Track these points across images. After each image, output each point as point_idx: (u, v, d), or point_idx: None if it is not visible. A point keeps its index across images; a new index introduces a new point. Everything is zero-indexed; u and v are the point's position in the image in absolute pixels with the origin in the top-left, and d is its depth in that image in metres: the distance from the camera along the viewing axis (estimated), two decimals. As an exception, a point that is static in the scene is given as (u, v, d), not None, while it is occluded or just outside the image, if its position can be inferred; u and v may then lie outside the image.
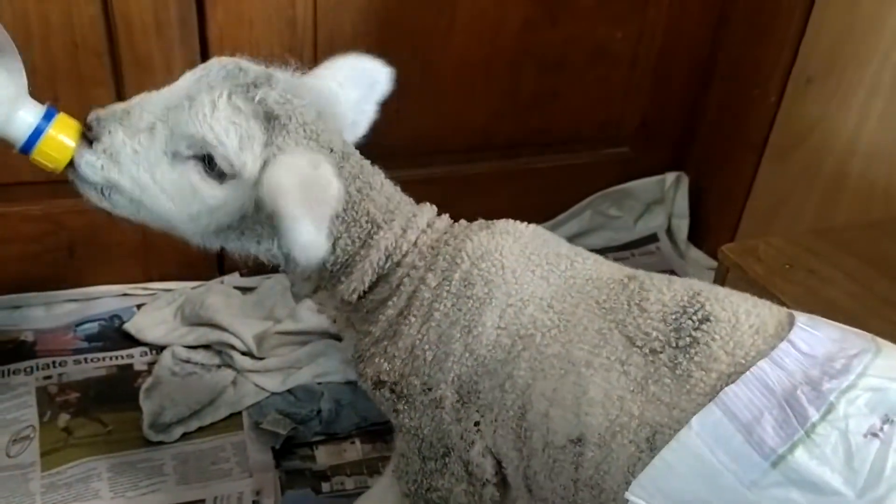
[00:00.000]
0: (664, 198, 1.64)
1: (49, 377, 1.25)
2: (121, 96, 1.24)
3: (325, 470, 1.17)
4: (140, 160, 0.73)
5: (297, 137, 0.73)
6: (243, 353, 1.28)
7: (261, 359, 1.28)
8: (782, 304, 0.96)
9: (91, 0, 1.17)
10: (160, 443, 1.17)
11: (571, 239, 1.59)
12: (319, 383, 1.26)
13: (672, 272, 1.58)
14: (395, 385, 0.79)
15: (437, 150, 1.46)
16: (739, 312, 0.69)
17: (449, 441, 0.78)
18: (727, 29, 1.51)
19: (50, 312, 1.35)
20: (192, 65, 1.25)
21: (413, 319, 0.77)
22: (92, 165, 0.74)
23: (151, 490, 1.12)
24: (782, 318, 0.70)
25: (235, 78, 0.73)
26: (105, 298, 1.38)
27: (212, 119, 0.71)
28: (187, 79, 0.74)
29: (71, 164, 0.75)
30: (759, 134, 1.46)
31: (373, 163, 0.81)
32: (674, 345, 0.69)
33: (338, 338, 1.27)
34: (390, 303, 0.79)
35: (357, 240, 0.78)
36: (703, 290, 0.72)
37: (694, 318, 0.69)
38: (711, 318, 0.69)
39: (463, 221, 0.83)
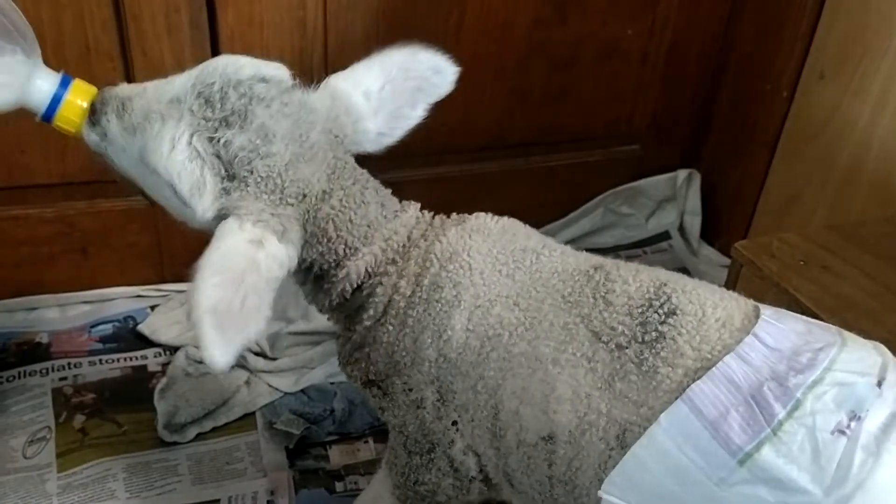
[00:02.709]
0: (676, 195, 1.63)
1: (64, 378, 1.26)
2: (133, 99, 1.25)
3: (339, 469, 1.17)
4: (127, 156, 0.74)
5: (256, 192, 0.70)
6: (256, 354, 1.29)
7: (274, 359, 1.29)
8: (797, 301, 0.96)
9: (103, 4, 1.18)
10: (175, 443, 1.18)
11: (583, 237, 1.61)
12: (332, 383, 1.27)
13: (685, 270, 1.57)
14: (382, 383, 0.79)
15: (447, 150, 1.46)
16: (706, 305, 0.68)
17: (433, 437, 0.78)
18: (738, 24, 1.50)
19: (64, 314, 1.36)
20: (203, 67, 1.27)
21: (390, 327, 0.77)
22: (94, 143, 0.75)
23: (167, 490, 1.13)
24: (749, 310, 0.69)
25: (211, 107, 0.70)
26: (119, 300, 1.38)
27: (168, 158, 0.69)
28: (183, 80, 0.73)
29: None
30: (771, 129, 1.45)
31: (380, 169, 0.79)
32: (640, 340, 0.67)
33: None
34: (368, 312, 0.78)
35: (333, 261, 0.77)
36: (670, 281, 0.71)
37: (660, 311, 0.68)
38: (678, 312, 0.68)
39: (437, 219, 0.81)
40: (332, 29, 1.29)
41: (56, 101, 0.74)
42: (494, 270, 0.75)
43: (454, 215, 0.81)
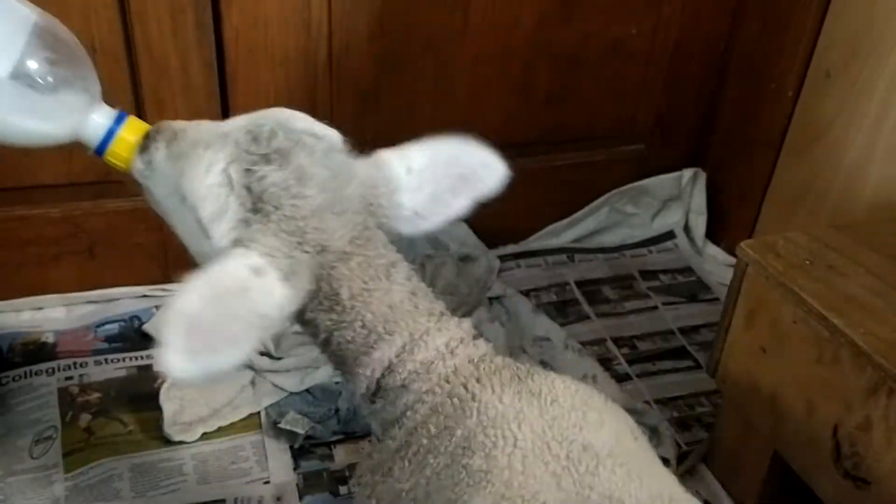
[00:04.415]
0: (681, 194, 1.63)
1: (70, 378, 1.26)
2: (139, 100, 1.26)
3: (344, 469, 1.17)
4: (166, 184, 0.73)
5: (276, 229, 0.67)
6: (261, 353, 1.29)
7: (279, 359, 1.29)
8: (803, 300, 0.95)
9: (109, 4, 1.18)
10: (180, 442, 1.18)
11: (588, 236, 1.61)
12: (337, 382, 1.27)
13: (690, 269, 1.57)
14: None
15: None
16: None
17: None
18: (743, 23, 1.50)
19: (70, 314, 1.37)
20: (208, 67, 1.28)
21: (407, 464, 0.69)
22: (139, 171, 0.75)
23: (172, 490, 1.13)
24: None
25: (256, 143, 0.69)
26: (125, 300, 1.39)
27: (199, 181, 0.69)
28: (237, 120, 0.72)
29: None
30: (776, 129, 1.45)
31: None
32: None
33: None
34: (392, 435, 0.71)
35: (354, 342, 0.71)
36: None
37: None
38: None
39: (498, 359, 0.71)
40: (337, 29, 1.30)
41: (109, 136, 0.75)
42: (539, 460, 0.63)
43: (517, 364, 0.71)
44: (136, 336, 1.34)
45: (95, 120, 0.75)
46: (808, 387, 0.96)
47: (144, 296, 1.40)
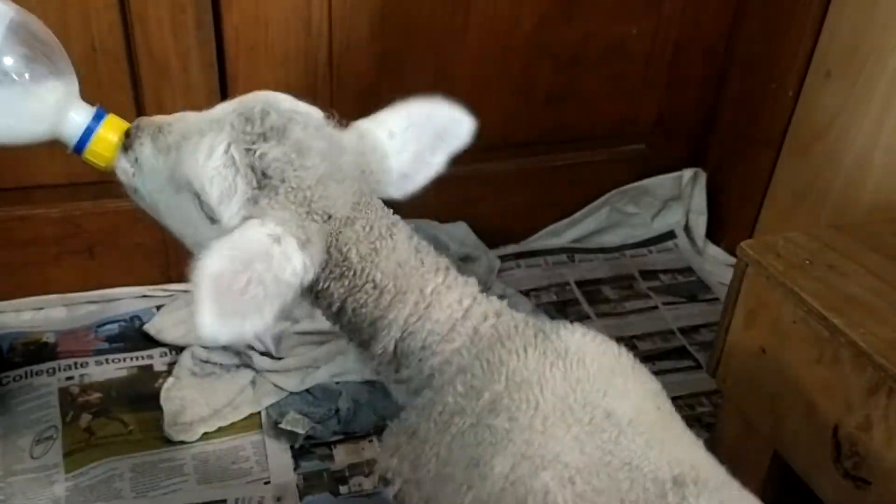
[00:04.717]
0: (682, 194, 1.63)
1: (71, 378, 1.27)
2: (139, 99, 1.26)
3: (344, 469, 1.17)
4: (156, 178, 0.74)
5: (284, 202, 0.69)
6: (262, 353, 1.29)
7: (279, 358, 1.29)
8: (803, 300, 0.95)
9: (109, 5, 1.18)
10: (181, 442, 1.18)
11: (589, 236, 1.61)
12: (337, 382, 1.27)
13: (690, 269, 1.57)
14: (399, 492, 0.74)
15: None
16: None
17: None
18: (744, 23, 1.50)
19: (71, 314, 1.37)
20: (208, 67, 1.28)
21: (433, 425, 0.71)
22: (123, 170, 0.75)
23: (172, 490, 1.13)
24: None
25: (251, 123, 0.70)
26: (125, 300, 1.39)
27: (202, 165, 0.70)
28: (224, 105, 0.73)
29: None
30: (777, 129, 1.45)
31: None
32: None
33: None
34: (420, 399, 0.73)
35: (367, 305, 0.73)
36: None
37: None
38: None
39: (515, 315, 0.74)
40: (338, 29, 1.30)
41: (88, 134, 0.75)
42: (562, 422, 0.66)
43: (539, 322, 0.73)
44: (136, 336, 1.34)
45: (73, 118, 0.74)
46: (808, 387, 0.96)
47: (145, 296, 1.40)
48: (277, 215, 0.68)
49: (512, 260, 1.54)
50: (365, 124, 0.77)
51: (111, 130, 0.75)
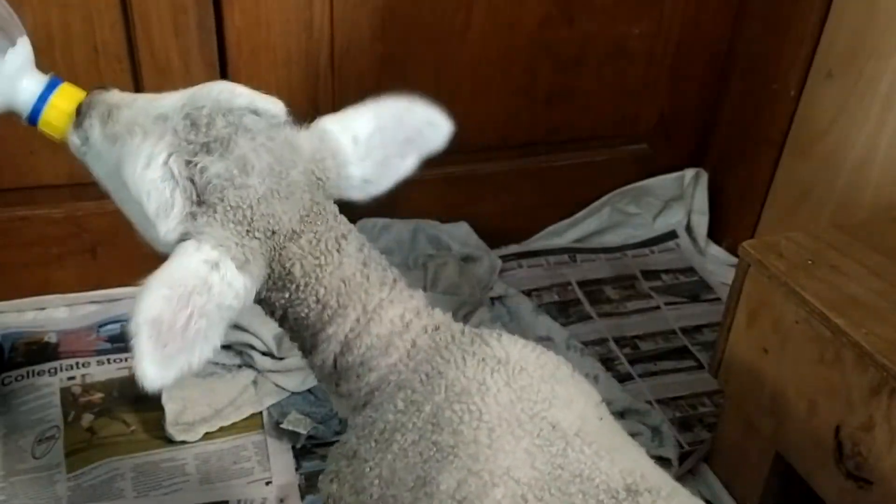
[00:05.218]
0: (683, 194, 1.63)
1: (73, 378, 1.27)
2: (141, 100, 1.26)
3: (346, 469, 1.18)
4: (104, 164, 0.71)
5: (223, 220, 0.66)
6: (263, 354, 1.29)
7: (281, 359, 1.29)
8: (804, 300, 0.95)
9: (111, 5, 1.18)
10: (183, 442, 1.18)
11: (590, 236, 1.61)
12: (339, 383, 1.27)
13: (691, 269, 1.57)
14: None
15: (454, 150, 1.45)
16: None
17: None
18: (745, 23, 1.49)
19: (73, 314, 1.37)
20: (210, 67, 1.28)
21: (373, 444, 0.68)
22: (74, 146, 0.73)
23: (174, 490, 1.13)
24: None
25: (195, 130, 0.67)
26: (127, 300, 1.39)
27: (140, 175, 0.67)
28: (174, 99, 0.69)
29: None
30: (778, 129, 1.45)
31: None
32: None
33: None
34: (360, 418, 0.70)
35: (308, 318, 0.71)
36: None
37: None
38: None
39: (454, 326, 0.71)
40: (339, 30, 1.30)
41: (41, 103, 0.72)
42: (509, 433, 0.63)
43: (473, 330, 0.70)
44: (138, 336, 1.34)
45: (25, 86, 0.72)
46: (810, 387, 0.96)
47: (147, 296, 1.40)
48: (216, 234, 0.65)
49: (513, 260, 1.54)
50: (328, 125, 0.72)
51: (65, 100, 0.72)
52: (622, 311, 1.47)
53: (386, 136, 0.73)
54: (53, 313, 1.37)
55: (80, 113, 0.72)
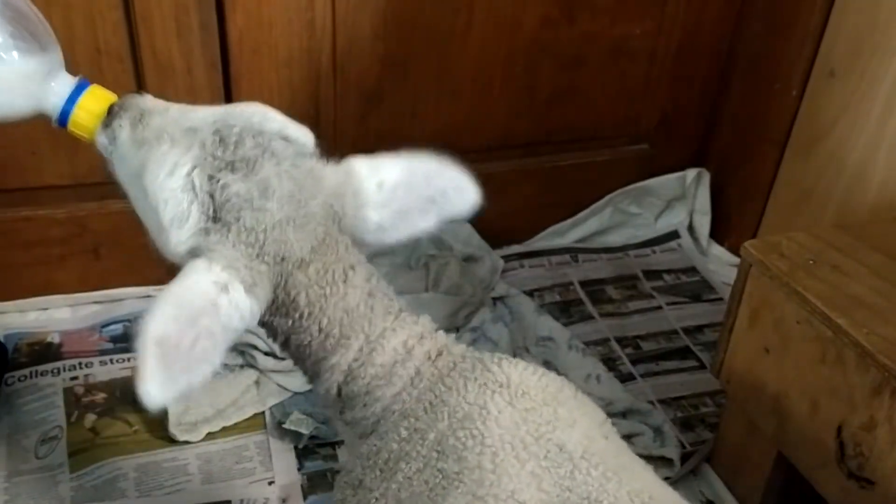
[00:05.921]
0: (685, 194, 1.63)
1: (75, 378, 1.27)
2: (143, 100, 1.26)
3: (348, 469, 1.18)
4: (127, 167, 0.72)
5: (235, 240, 0.66)
6: (266, 354, 1.29)
7: (283, 359, 1.29)
8: (806, 300, 0.95)
9: (113, 6, 1.18)
10: (185, 442, 1.19)
11: (592, 236, 1.61)
12: (341, 383, 1.27)
13: (693, 269, 1.57)
14: None
15: (455, 150, 1.45)
16: None
17: None
18: (747, 23, 1.49)
19: (75, 314, 1.37)
20: (212, 68, 1.28)
21: (378, 472, 0.68)
22: (102, 145, 0.74)
23: (176, 489, 1.13)
24: None
25: (223, 146, 0.67)
26: (130, 300, 1.39)
27: (161, 182, 0.67)
28: (207, 113, 0.70)
29: None
30: (780, 129, 1.45)
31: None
32: None
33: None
34: (365, 447, 0.70)
35: (311, 346, 0.71)
36: None
37: None
38: None
39: (456, 350, 0.71)
40: (341, 30, 1.30)
41: (70, 105, 0.74)
42: (513, 457, 0.62)
43: (476, 354, 0.70)
44: (140, 336, 1.34)
45: (55, 88, 0.74)
46: (811, 387, 0.96)
47: (149, 296, 1.40)
48: (226, 254, 0.65)
49: (515, 260, 1.54)
50: (358, 165, 0.73)
51: (94, 101, 0.74)
52: (624, 311, 1.47)
53: (412, 189, 0.73)
54: (56, 313, 1.37)
55: (112, 113, 0.73)
